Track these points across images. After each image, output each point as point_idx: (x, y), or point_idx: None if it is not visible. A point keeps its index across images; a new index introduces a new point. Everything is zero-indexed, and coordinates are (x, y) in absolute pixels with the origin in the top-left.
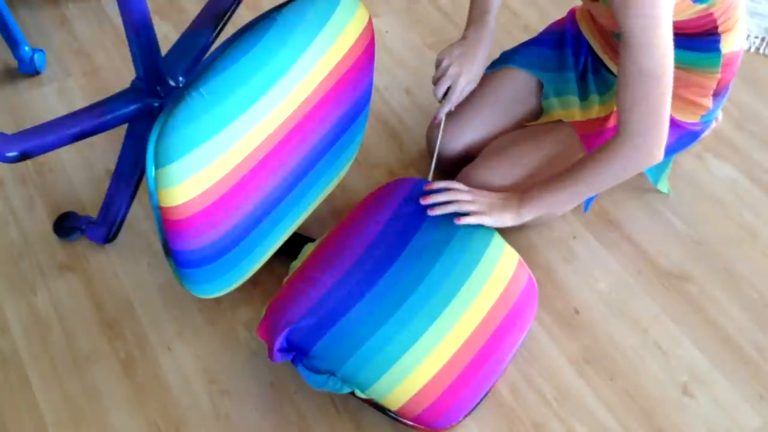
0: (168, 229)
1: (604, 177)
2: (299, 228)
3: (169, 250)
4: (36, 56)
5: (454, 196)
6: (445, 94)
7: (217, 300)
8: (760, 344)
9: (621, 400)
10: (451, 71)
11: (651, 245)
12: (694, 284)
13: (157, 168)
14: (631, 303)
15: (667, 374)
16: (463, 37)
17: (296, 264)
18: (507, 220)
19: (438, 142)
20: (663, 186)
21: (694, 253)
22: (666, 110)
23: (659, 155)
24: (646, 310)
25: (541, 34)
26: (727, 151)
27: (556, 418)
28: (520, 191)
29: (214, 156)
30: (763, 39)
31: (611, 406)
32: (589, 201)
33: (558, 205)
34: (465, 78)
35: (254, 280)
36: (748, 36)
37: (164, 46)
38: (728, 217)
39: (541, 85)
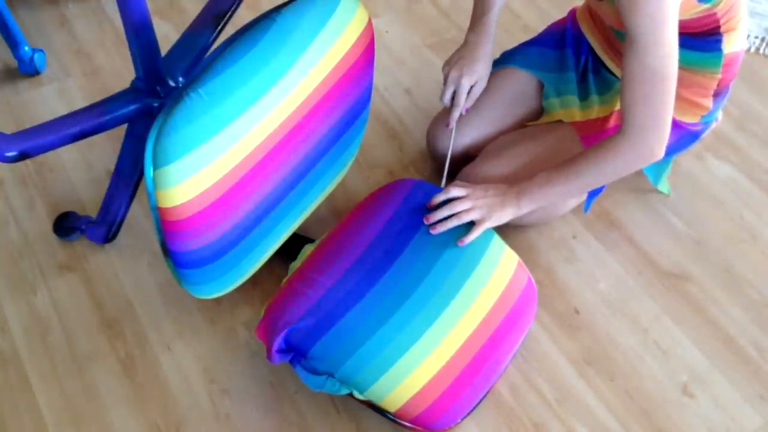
0: (166, 229)
1: (604, 172)
2: (299, 228)
3: (167, 251)
4: (36, 56)
5: (453, 209)
6: (453, 100)
7: (217, 300)
8: (760, 344)
9: (621, 400)
10: (452, 75)
11: (651, 245)
12: (694, 284)
13: (155, 168)
14: (632, 303)
15: (667, 374)
16: (464, 42)
17: (295, 265)
18: (508, 215)
19: (450, 149)
20: (663, 186)
21: (694, 253)
22: (669, 109)
23: (660, 152)
24: (646, 310)
25: (541, 34)
26: (727, 151)
27: (556, 419)
28: (518, 183)
29: (213, 157)
30: (763, 39)
31: (611, 406)
32: (589, 201)
33: (557, 197)
34: (467, 79)
35: (254, 280)
36: (748, 36)
37: (164, 46)
38: (728, 217)
39: (541, 86)
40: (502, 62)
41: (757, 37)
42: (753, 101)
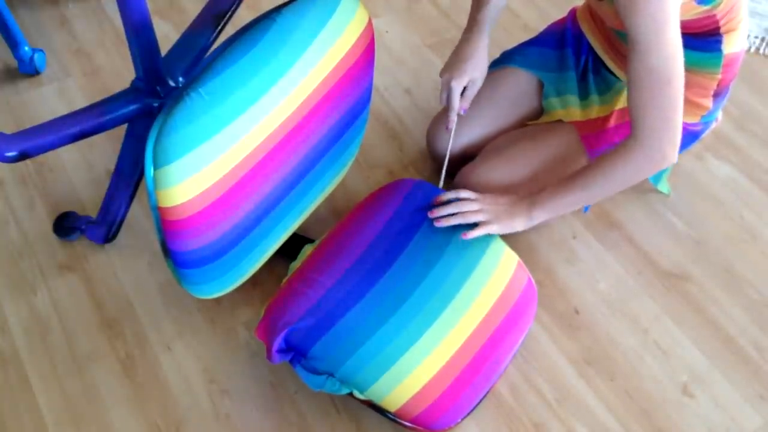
0: (166, 229)
1: (616, 179)
2: (299, 228)
3: (167, 251)
4: (36, 56)
5: (460, 208)
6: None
7: (217, 300)
8: (760, 344)
9: (621, 400)
10: (444, 78)
11: (651, 245)
12: (694, 284)
13: (155, 168)
14: (632, 303)
15: (667, 374)
16: (459, 42)
17: (295, 265)
18: (517, 225)
19: (449, 150)
20: (663, 186)
21: (694, 253)
22: (678, 110)
23: (673, 156)
24: (646, 310)
25: (541, 33)
26: (727, 151)
27: (557, 419)
28: (529, 194)
29: (213, 156)
30: (763, 39)
31: (611, 406)
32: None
33: (570, 207)
34: (457, 81)
35: (254, 281)
36: (748, 36)
37: (164, 46)
38: (728, 217)
39: (541, 85)
40: (501, 62)
41: (757, 37)
42: (753, 101)
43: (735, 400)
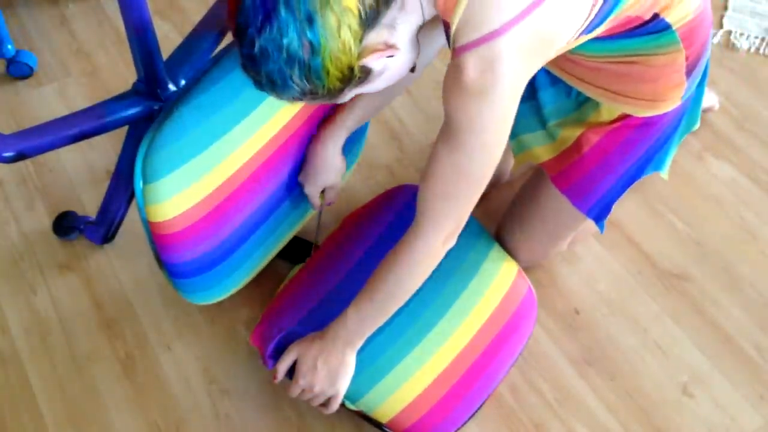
0: (158, 242)
1: (406, 275)
2: (300, 231)
3: (161, 262)
4: (22, 55)
5: (304, 398)
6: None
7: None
8: (760, 344)
9: (621, 401)
10: (301, 183)
11: (651, 245)
12: (694, 284)
13: (145, 183)
14: (631, 303)
15: (667, 374)
16: None
17: (295, 270)
18: (349, 365)
19: (318, 223)
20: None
21: (694, 253)
22: (468, 208)
23: (450, 244)
24: (646, 310)
25: None
26: (727, 151)
27: (557, 419)
28: (333, 333)
29: (204, 171)
30: (763, 39)
31: (611, 406)
32: (602, 219)
33: (378, 319)
34: (309, 188)
35: (255, 281)
36: (748, 36)
37: (164, 47)
38: (728, 217)
39: None
40: None
41: (757, 37)
42: (753, 101)
43: (735, 400)
